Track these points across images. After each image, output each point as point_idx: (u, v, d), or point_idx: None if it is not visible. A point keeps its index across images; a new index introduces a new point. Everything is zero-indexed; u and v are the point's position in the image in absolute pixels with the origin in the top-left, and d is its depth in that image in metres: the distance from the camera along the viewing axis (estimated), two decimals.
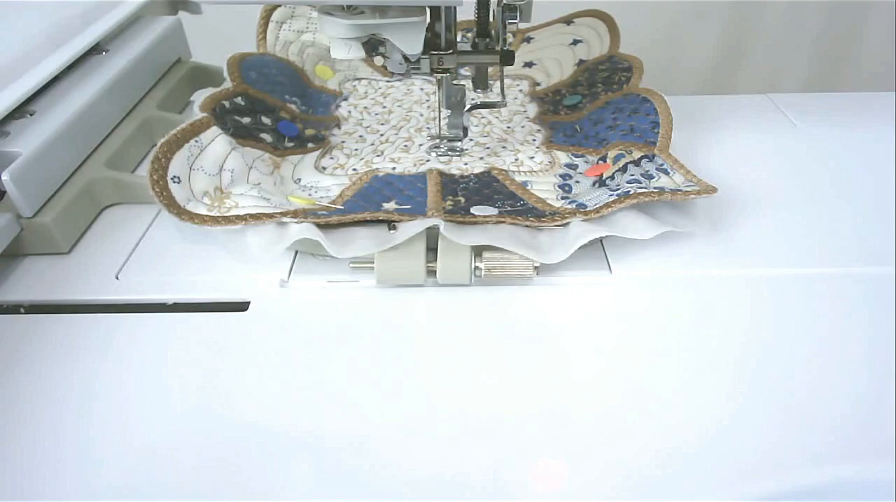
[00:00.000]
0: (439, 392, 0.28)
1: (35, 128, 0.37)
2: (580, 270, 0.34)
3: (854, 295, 0.32)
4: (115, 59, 0.45)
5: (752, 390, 0.27)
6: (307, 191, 0.39)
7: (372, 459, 0.25)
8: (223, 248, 0.35)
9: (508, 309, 0.32)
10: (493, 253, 0.33)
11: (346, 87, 0.50)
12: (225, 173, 0.37)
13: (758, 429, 0.26)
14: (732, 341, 0.30)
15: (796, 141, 0.45)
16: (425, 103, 0.48)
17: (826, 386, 0.28)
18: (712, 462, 0.25)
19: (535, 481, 0.24)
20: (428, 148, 0.43)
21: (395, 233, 0.33)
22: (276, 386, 0.28)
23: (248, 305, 0.32)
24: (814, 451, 0.25)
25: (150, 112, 0.45)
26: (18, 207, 0.34)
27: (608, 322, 0.31)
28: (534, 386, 0.28)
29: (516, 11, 0.36)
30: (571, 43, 0.51)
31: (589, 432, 0.26)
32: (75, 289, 0.33)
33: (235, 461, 0.25)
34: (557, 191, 0.38)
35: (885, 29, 0.87)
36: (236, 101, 0.41)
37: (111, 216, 0.39)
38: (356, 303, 0.32)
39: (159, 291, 0.33)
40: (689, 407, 0.27)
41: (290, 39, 0.50)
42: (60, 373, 0.29)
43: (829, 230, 0.36)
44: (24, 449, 0.26)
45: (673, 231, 0.34)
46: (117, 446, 0.26)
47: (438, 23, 0.36)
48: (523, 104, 0.48)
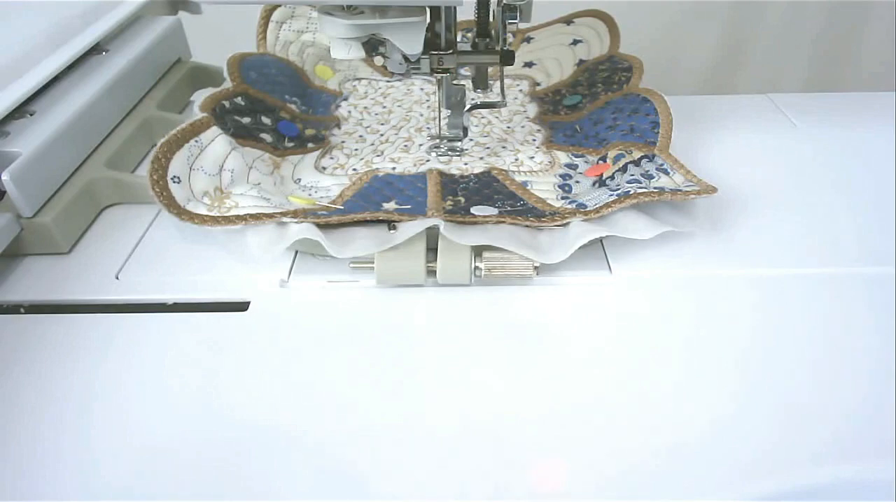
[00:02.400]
0: (439, 392, 0.28)
1: (35, 128, 0.37)
2: (580, 270, 0.34)
3: (854, 295, 0.32)
4: (115, 59, 0.45)
5: (752, 390, 0.27)
6: (307, 191, 0.39)
7: (372, 459, 0.25)
8: (223, 248, 0.35)
9: (508, 309, 0.32)
10: (493, 253, 0.33)
11: (346, 87, 0.50)
12: (225, 173, 0.37)
13: (758, 429, 0.26)
14: (732, 341, 0.30)
15: (796, 141, 0.45)
16: (425, 103, 0.48)
17: (826, 386, 0.28)
18: (712, 462, 0.25)
19: (535, 481, 0.24)
20: (428, 148, 0.43)
21: (395, 233, 0.33)
22: (276, 386, 0.28)
23: (248, 305, 0.32)
24: (814, 451, 0.25)
25: (150, 112, 0.45)
26: (18, 207, 0.34)
27: (608, 322, 0.31)
28: (534, 386, 0.28)
29: (516, 11, 0.36)
30: (571, 43, 0.51)
31: (589, 432, 0.26)
32: (75, 289, 0.33)
33: (235, 461, 0.25)
34: (557, 191, 0.38)
35: (885, 29, 0.87)
36: (236, 101, 0.41)
37: (111, 216, 0.39)
38: (356, 303, 0.32)
39: (159, 291, 0.33)
40: (688, 406, 0.27)
41: (290, 39, 0.50)
42: (60, 373, 0.29)
43: (829, 230, 0.36)
44: (24, 449, 0.26)
45: (673, 231, 0.34)
46: (117, 446, 0.26)
47: (438, 23, 0.36)
48: (523, 104, 0.48)
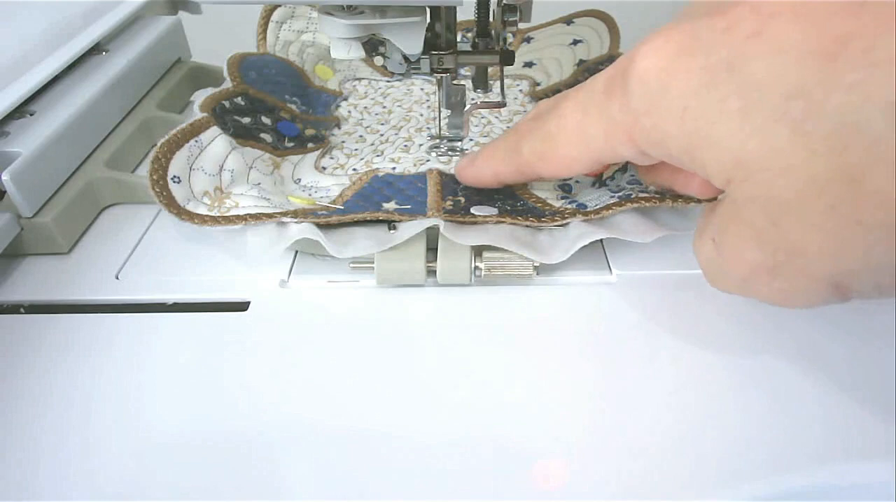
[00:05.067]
0: (439, 391, 0.28)
1: (35, 128, 0.37)
2: (580, 270, 0.34)
3: None
4: (115, 59, 0.45)
5: (752, 389, 0.27)
6: (307, 191, 0.39)
7: (372, 458, 0.25)
8: (223, 248, 0.35)
9: (508, 309, 0.32)
10: (493, 253, 0.33)
11: (346, 87, 0.50)
12: (225, 173, 0.37)
13: (758, 429, 0.26)
14: (732, 341, 0.30)
15: None
16: (425, 103, 0.48)
17: (826, 385, 0.28)
18: (712, 462, 0.25)
19: (535, 481, 0.24)
20: (428, 148, 0.43)
21: (395, 233, 0.33)
22: (276, 385, 0.28)
23: (248, 305, 0.32)
24: (814, 451, 0.25)
25: (150, 112, 0.45)
26: (18, 207, 0.34)
27: (608, 322, 0.31)
28: (534, 386, 0.28)
29: (516, 11, 0.36)
30: (571, 43, 0.51)
31: (588, 432, 0.26)
32: (75, 289, 0.33)
33: (235, 461, 0.25)
34: (557, 191, 0.38)
35: None
36: (236, 101, 0.41)
37: (111, 216, 0.39)
38: (356, 303, 0.32)
39: (159, 291, 0.33)
40: (689, 406, 0.27)
41: (290, 39, 0.50)
42: (60, 373, 0.29)
43: None
44: (24, 449, 0.26)
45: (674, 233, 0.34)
46: (117, 446, 0.26)
47: (438, 23, 0.36)
48: (523, 104, 0.48)
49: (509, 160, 0.33)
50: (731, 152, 0.22)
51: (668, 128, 0.24)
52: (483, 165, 0.35)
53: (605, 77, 0.27)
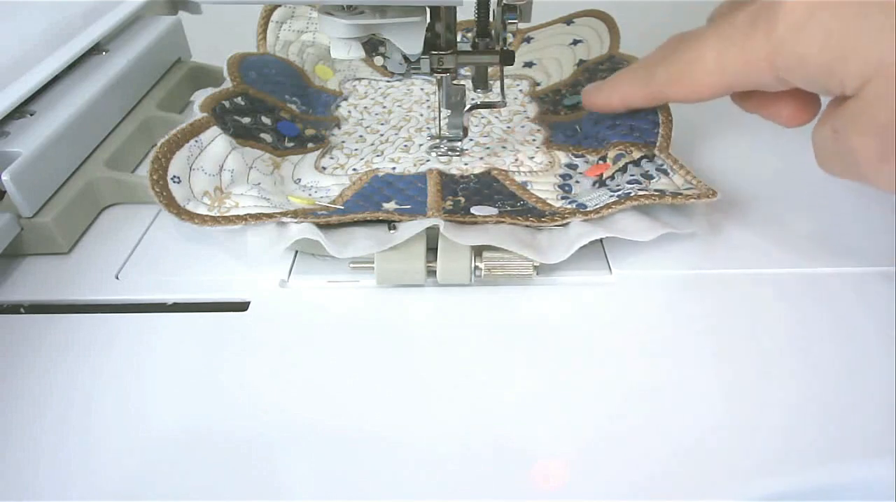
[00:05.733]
0: (439, 391, 0.28)
1: (35, 128, 0.37)
2: (580, 270, 0.34)
3: (854, 295, 0.32)
4: (115, 59, 0.45)
5: (752, 389, 0.27)
6: (307, 191, 0.39)
7: (372, 458, 0.25)
8: (223, 248, 0.35)
9: (508, 309, 0.32)
10: (493, 253, 0.33)
11: (346, 87, 0.50)
12: (225, 173, 0.37)
13: (758, 429, 0.26)
14: (732, 341, 0.30)
15: (797, 140, 0.44)
16: (425, 103, 0.48)
17: (826, 385, 0.28)
18: (712, 462, 0.25)
19: (536, 481, 0.24)
20: (428, 148, 0.43)
21: (395, 233, 0.33)
22: (276, 385, 0.28)
23: (248, 305, 0.32)
24: (814, 451, 0.25)
25: (150, 112, 0.45)
26: (18, 207, 0.34)
27: (608, 322, 0.31)
28: (534, 386, 0.28)
29: (516, 11, 0.36)
30: (571, 43, 0.51)
31: (589, 432, 0.26)
32: (75, 289, 0.33)
33: (235, 461, 0.25)
34: (557, 192, 0.38)
35: None
36: (236, 101, 0.41)
37: (111, 216, 0.39)
38: (356, 303, 0.32)
39: (159, 291, 0.33)
40: (689, 406, 0.27)
41: (290, 39, 0.50)
42: (60, 373, 0.29)
43: (829, 230, 0.36)
44: (24, 449, 0.26)
45: (673, 232, 0.34)
46: (117, 446, 0.26)
47: (438, 23, 0.36)
48: (523, 104, 0.48)
49: (642, 84, 0.36)
50: (877, 54, 0.25)
51: (812, 51, 0.27)
52: (612, 91, 0.38)
53: (747, 13, 0.30)
